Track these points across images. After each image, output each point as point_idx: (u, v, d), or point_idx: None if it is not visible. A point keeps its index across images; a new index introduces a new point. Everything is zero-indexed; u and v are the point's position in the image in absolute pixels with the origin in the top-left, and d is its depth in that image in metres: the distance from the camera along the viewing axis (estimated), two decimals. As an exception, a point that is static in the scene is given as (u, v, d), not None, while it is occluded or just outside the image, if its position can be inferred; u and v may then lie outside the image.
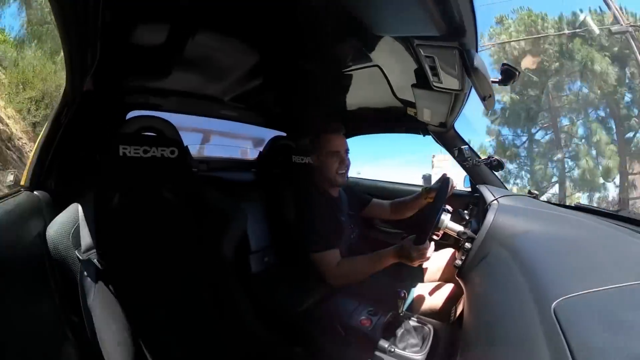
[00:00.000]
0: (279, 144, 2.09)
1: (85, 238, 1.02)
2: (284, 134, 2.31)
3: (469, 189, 1.76)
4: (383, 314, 1.21)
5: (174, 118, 1.63)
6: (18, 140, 6.35)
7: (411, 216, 1.79)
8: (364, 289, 1.45)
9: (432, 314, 1.31)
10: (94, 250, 1.01)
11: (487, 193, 1.35)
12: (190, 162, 1.35)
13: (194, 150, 2.14)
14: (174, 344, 1.13)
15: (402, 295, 1.13)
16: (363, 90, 1.73)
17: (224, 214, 1.34)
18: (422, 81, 1.25)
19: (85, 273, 0.99)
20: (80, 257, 0.99)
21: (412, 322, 1.19)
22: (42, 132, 1.16)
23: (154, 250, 1.18)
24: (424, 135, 1.79)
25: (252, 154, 2.39)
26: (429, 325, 1.18)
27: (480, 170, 1.58)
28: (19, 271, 0.87)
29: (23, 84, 6.72)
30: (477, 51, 0.94)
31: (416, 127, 1.77)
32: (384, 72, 1.45)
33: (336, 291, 1.45)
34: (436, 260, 1.61)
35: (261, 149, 2.16)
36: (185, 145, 1.30)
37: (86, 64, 1.07)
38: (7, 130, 6.30)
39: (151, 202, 1.25)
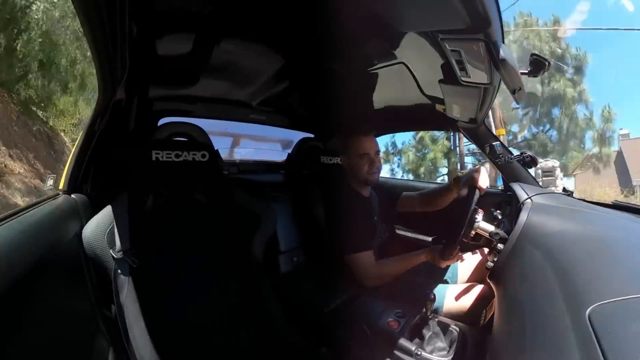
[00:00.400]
0: (307, 145, 2.09)
1: (120, 238, 1.07)
2: (312, 136, 2.31)
3: (502, 187, 1.67)
4: (411, 315, 1.17)
5: (205, 123, 1.69)
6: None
7: (440, 213, 1.73)
8: (393, 290, 1.41)
9: (462, 316, 1.25)
10: (128, 249, 1.05)
11: (520, 191, 1.28)
12: (221, 165, 1.39)
13: (224, 154, 2.20)
14: (203, 341, 1.15)
15: (432, 297, 1.09)
16: (390, 88, 1.70)
17: (254, 215, 1.35)
18: (449, 76, 1.20)
19: (119, 271, 1.03)
20: (115, 256, 1.04)
21: (441, 325, 1.14)
22: (77, 140, 1.23)
23: (185, 250, 1.23)
24: (453, 132, 1.72)
25: (280, 156, 2.41)
26: (458, 329, 1.14)
27: (513, 167, 1.50)
28: (58, 269, 0.92)
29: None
30: (503, 42, 0.89)
31: (446, 124, 1.71)
32: (410, 69, 1.41)
33: (364, 292, 1.43)
34: (468, 261, 1.55)
35: (290, 151, 2.17)
36: (215, 148, 1.34)
37: (117, 75, 1.13)
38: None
39: (183, 204, 1.29)
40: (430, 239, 1.82)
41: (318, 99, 1.96)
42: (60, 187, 1.19)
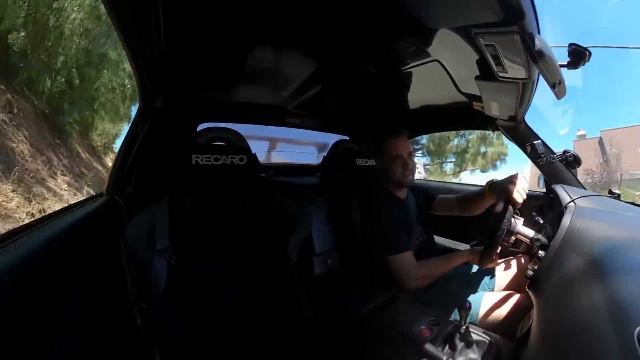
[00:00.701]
0: (342, 147, 2.07)
1: (159, 237, 1.11)
2: (347, 138, 2.29)
3: (544, 190, 1.54)
4: (445, 324, 1.12)
5: (242, 128, 1.73)
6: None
7: (477, 219, 1.63)
8: (428, 296, 1.36)
9: (497, 327, 1.17)
10: (167, 247, 1.10)
11: (563, 194, 1.18)
12: (258, 168, 1.40)
13: (261, 157, 2.24)
14: (235, 338, 1.16)
15: (467, 305, 1.02)
16: (425, 87, 1.64)
17: (290, 217, 1.36)
18: (485, 72, 1.13)
19: (157, 267, 1.07)
20: (154, 253, 1.08)
21: (475, 335, 1.07)
22: (120, 145, 1.30)
23: (222, 249, 1.25)
24: (493, 131, 1.62)
25: (316, 158, 2.41)
26: (492, 340, 1.06)
27: (555, 167, 1.38)
28: (100, 263, 0.97)
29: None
30: (539, 33, 0.82)
31: (484, 122, 1.62)
32: (444, 67, 1.36)
33: (398, 296, 1.38)
34: (506, 268, 1.45)
35: (325, 153, 2.16)
36: (253, 152, 1.36)
37: (155, 86, 1.18)
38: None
39: (221, 205, 1.32)
40: (468, 246, 1.73)
41: (352, 101, 1.94)
42: (105, 189, 1.26)
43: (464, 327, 1.02)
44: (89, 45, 6.77)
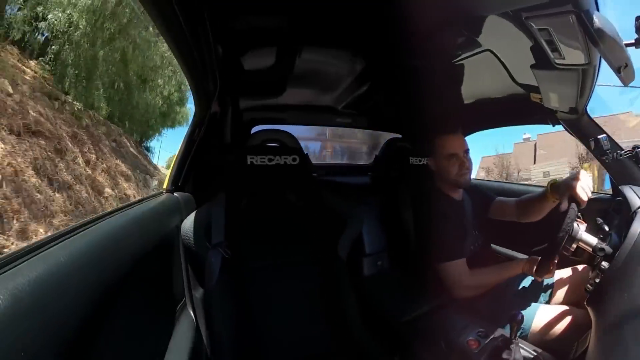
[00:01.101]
0: (395, 146, 2.01)
1: (215, 232, 1.17)
2: (399, 136, 2.21)
3: (610, 191, 1.34)
4: (494, 336, 1.04)
5: (295, 129, 1.78)
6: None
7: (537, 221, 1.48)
8: (479, 304, 1.27)
9: (550, 344, 1.05)
10: (222, 241, 1.15)
11: (633, 196, 1.02)
12: (310, 167, 1.43)
13: (313, 157, 2.28)
14: (279, 332, 1.20)
15: (519, 317, 0.92)
16: (478, 79, 1.52)
17: (341, 216, 1.36)
18: (541, 60, 1.02)
19: (212, 259, 1.13)
20: (209, 247, 1.14)
21: (524, 352, 0.97)
22: (179, 147, 1.39)
23: (274, 246, 1.30)
24: (553, 125, 1.47)
25: (368, 158, 2.38)
26: (543, 358, 0.96)
27: (624, 165, 1.18)
28: (158, 254, 1.05)
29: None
30: (597, 10, 0.72)
31: (544, 116, 1.48)
32: (497, 56, 1.25)
33: (447, 304, 1.31)
34: (565, 279, 1.30)
35: (377, 152, 2.11)
36: (305, 152, 1.38)
37: (209, 92, 1.26)
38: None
39: (275, 204, 1.37)
40: (526, 257, 1.60)
41: (403, 98, 1.86)
42: (164, 187, 1.37)
43: (514, 342, 0.94)
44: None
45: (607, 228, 1.03)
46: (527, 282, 1.35)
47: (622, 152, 1.17)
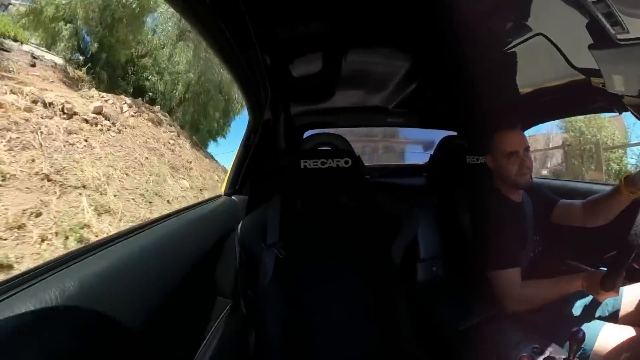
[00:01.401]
0: (450, 144, 1.92)
1: (270, 233, 1.23)
2: (455, 134, 2.11)
3: None
4: (550, 354, 0.95)
5: (346, 131, 1.80)
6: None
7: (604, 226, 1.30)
8: (536, 318, 1.16)
9: None
10: (276, 242, 1.21)
11: None
12: (363, 169, 1.43)
13: (366, 159, 2.27)
14: (328, 334, 1.20)
15: (580, 335, 0.83)
16: (533, 68, 1.40)
17: (395, 219, 1.35)
18: (600, 37, 0.92)
19: (266, 259, 1.18)
20: (264, 247, 1.20)
21: None
22: (236, 153, 1.48)
23: (327, 248, 1.31)
24: (620, 113, 1.32)
25: (422, 157, 2.31)
26: None
27: None
28: (215, 253, 1.13)
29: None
30: None
31: (609, 102, 1.33)
32: (550, 40, 1.17)
33: (503, 315, 1.22)
34: (635, 295, 1.13)
35: (432, 152, 2.03)
36: (357, 154, 1.39)
37: (261, 101, 1.32)
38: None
39: (328, 207, 1.39)
40: (590, 269, 1.43)
41: (455, 93, 1.79)
42: (222, 190, 1.44)
43: None
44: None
45: None
46: (586, 300, 1.19)
47: None
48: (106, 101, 6.38)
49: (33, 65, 6.57)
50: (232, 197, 1.38)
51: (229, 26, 0.88)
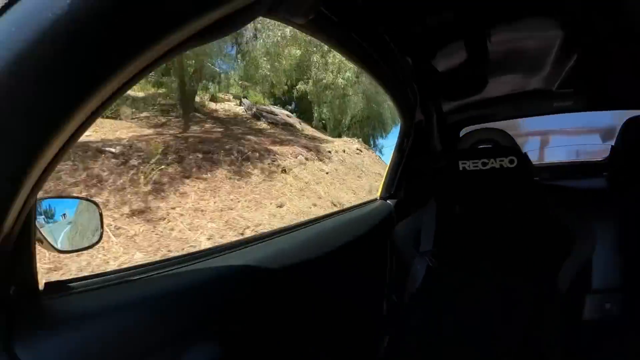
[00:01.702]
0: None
1: (424, 239, 1.23)
2: None
3: None
4: None
5: (507, 124, 1.62)
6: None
7: None
8: None
9: None
10: (429, 250, 1.20)
11: None
12: (531, 170, 1.30)
13: (533, 156, 1.95)
14: (467, 352, 1.08)
15: None
16: None
17: (568, 233, 1.15)
18: None
19: (417, 266, 1.18)
20: (417, 254, 1.20)
21: None
22: (390, 158, 1.53)
23: (484, 261, 1.18)
24: None
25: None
26: None
27: None
28: (367, 255, 1.18)
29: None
30: None
31: None
32: None
33: None
34: None
35: (612, 142, 1.60)
36: (524, 152, 1.28)
37: (410, 102, 1.34)
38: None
39: (490, 214, 1.25)
40: None
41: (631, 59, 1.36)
42: (378, 194, 1.52)
43: None
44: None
45: None
46: None
47: None
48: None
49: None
50: (388, 200, 1.41)
51: (362, 36, 0.88)
